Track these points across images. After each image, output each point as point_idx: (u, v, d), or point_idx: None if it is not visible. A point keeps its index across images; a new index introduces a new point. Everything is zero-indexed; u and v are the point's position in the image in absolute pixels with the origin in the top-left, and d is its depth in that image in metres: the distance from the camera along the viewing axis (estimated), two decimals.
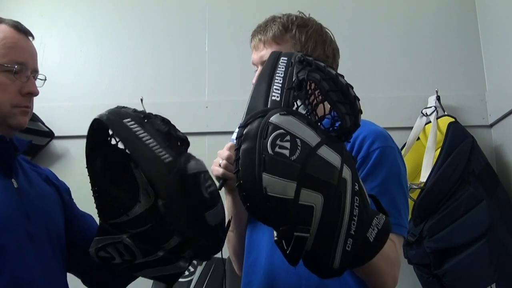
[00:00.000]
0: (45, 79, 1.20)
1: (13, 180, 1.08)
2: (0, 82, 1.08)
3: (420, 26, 2.27)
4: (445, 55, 2.23)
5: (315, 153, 0.73)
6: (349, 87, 0.79)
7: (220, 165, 1.17)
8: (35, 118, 2.07)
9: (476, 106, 2.14)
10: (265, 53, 1.20)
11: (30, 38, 1.20)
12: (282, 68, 0.80)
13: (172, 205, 0.84)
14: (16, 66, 1.09)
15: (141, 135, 0.86)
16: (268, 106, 0.76)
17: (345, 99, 0.79)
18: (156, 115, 0.95)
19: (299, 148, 0.72)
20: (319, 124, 0.80)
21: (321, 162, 0.73)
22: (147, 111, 2.28)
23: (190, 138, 2.18)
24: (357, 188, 0.76)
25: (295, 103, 0.79)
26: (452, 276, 1.76)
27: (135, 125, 0.88)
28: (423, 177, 1.86)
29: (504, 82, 2.03)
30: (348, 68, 1.33)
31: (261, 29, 1.23)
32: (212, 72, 2.25)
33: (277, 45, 1.19)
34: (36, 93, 1.14)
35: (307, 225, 0.72)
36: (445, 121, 1.97)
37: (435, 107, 2.05)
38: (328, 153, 0.74)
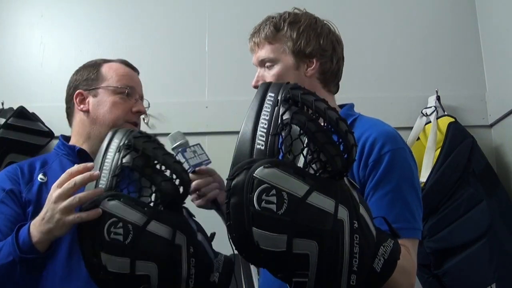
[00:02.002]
0: (149, 106, 1.46)
1: None
2: (115, 102, 1.34)
3: (420, 26, 2.27)
4: (445, 55, 2.23)
5: (304, 202, 0.72)
6: (339, 120, 0.76)
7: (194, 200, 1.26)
8: (35, 118, 2.07)
9: (476, 106, 2.14)
10: (260, 54, 1.22)
11: (137, 73, 1.47)
12: (268, 108, 0.78)
13: None
14: (128, 88, 1.36)
15: (108, 155, 0.98)
16: (254, 155, 0.75)
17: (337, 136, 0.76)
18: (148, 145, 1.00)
19: (286, 201, 0.71)
20: (319, 155, 0.77)
21: (312, 210, 0.72)
22: (147, 111, 2.27)
23: (190, 138, 2.19)
24: (356, 226, 0.74)
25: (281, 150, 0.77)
26: (452, 276, 1.76)
27: (113, 148, 0.98)
28: (423, 177, 1.86)
29: (504, 82, 2.03)
30: (348, 68, 1.33)
31: (255, 31, 1.24)
32: (212, 72, 2.25)
33: (270, 45, 1.20)
34: (143, 112, 1.40)
35: (304, 271, 0.72)
36: (445, 121, 1.97)
37: (435, 107, 2.05)
38: (319, 200, 0.73)
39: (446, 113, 2.05)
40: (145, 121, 2.16)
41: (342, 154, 0.76)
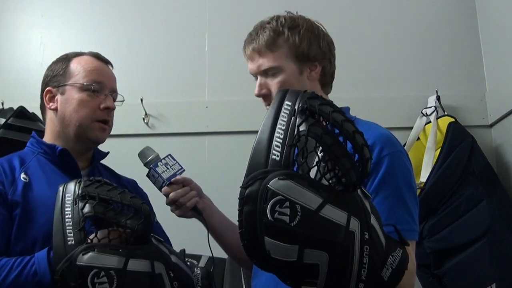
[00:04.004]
0: (123, 100, 1.39)
1: None
2: (81, 99, 1.28)
3: (420, 26, 2.27)
4: (445, 55, 2.23)
5: (317, 214, 0.72)
6: (356, 133, 0.76)
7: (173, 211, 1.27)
8: (35, 118, 2.07)
9: (476, 106, 2.14)
10: (262, 62, 1.19)
11: (109, 65, 1.39)
12: (285, 117, 0.78)
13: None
14: (94, 85, 1.29)
15: (66, 211, 0.97)
16: (269, 166, 0.75)
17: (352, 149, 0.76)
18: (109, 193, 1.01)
19: (299, 213, 0.71)
20: (334, 168, 0.77)
21: (324, 222, 0.73)
22: (147, 111, 2.28)
23: (190, 138, 2.20)
24: (367, 237, 0.75)
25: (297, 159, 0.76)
26: (452, 276, 1.76)
27: (69, 202, 0.98)
28: (423, 177, 1.86)
29: (504, 82, 2.03)
30: (348, 68, 1.33)
31: (253, 38, 1.21)
32: (212, 72, 2.25)
33: (272, 53, 1.19)
34: (112, 108, 1.31)
35: (313, 279, 0.73)
36: (445, 121, 1.97)
37: (435, 107, 2.05)
38: (331, 212, 0.73)
39: (446, 113, 2.05)
40: (145, 121, 2.16)
41: (357, 167, 0.76)
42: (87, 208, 0.96)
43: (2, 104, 2.12)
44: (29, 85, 2.25)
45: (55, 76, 1.35)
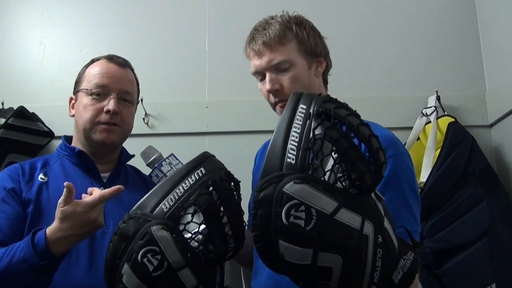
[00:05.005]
0: (140, 101, 1.40)
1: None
2: (86, 104, 1.32)
3: (420, 26, 2.27)
4: (445, 55, 2.23)
5: (332, 218, 0.72)
6: (371, 137, 0.76)
7: None
8: (35, 118, 2.07)
9: (476, 106, 2.14)
10: (274, 56, 1.19)
11: (124, 67, 1.41)
12: (300, 120, 0.77)
13: None
14: (94, 89, 1.31)
15: (182, 185, 0.83)
16: (284, 169, 0.74)
17: (368, 152, 0.76)
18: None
19: (314, 217, 0.71)
20: (349, 172, 0.76)
21: (339, 226, 0.73)
22: (147, 111, 2.28)
23: (190, 138, 2.19)
24: (380, 240, 0.75)
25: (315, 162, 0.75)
26: (452, 276, 1.76)
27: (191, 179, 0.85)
28: (423, 177, 1.86)
29: (504, 82, 2.03)
30: (348, 68, 1.33)
31: (261, 33, 1.21)
32: (212, 72, 2.25)
33: (283, 46, 1.19)
34: (112, 111, 1.31)
35: (326, 281, 0.74)
36: (445, 121, 1.97)
37: (435, 107, 2.05)
38: (346, 216, 0.73)
39: (446, 113, 2.05)
40: (145, 121, 2.16)
41: (372, 171, 0.76)
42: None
43: (2, 104, 2.12)
44: (29, 85, 2.25)
45: (75, 84, 1.40)
